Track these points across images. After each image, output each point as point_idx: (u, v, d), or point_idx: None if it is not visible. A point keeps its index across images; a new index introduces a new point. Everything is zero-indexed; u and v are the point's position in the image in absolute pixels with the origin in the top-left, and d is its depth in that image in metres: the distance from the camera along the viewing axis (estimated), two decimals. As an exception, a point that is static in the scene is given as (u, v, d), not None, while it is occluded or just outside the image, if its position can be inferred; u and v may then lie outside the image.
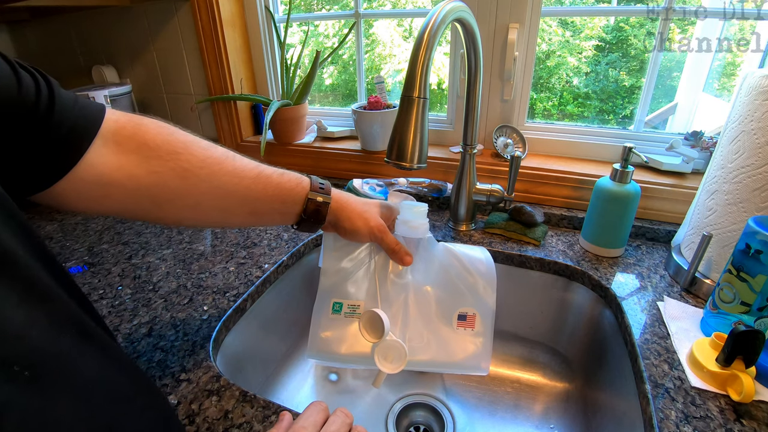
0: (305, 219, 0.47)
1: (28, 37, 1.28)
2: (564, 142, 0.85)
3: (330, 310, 0.50)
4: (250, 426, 0.41)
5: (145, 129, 0.40)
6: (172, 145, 0.40)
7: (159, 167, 0.39)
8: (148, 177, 0.39)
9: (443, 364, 0.49)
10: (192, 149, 0.41)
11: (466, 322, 0.50)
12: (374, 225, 0.49)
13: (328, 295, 0.51)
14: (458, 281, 0.51)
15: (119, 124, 0.38)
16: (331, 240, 0.52)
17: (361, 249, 0.52)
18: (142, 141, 0.39)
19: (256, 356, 0.64)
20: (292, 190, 0.46)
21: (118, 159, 0.38)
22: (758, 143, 0.50)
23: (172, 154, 0.40)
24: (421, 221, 0.50)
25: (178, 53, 1.07)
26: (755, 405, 0.42)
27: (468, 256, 0.53)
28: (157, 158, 0.39)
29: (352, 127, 1.03)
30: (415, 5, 1.37)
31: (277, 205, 0.46)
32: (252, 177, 0.44)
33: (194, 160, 0.41)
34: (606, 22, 1.31)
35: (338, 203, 0.48)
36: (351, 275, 0.51)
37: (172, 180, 0.40)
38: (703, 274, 0.58)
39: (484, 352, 0.49)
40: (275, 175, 0.46)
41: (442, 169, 0.88)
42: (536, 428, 0.62)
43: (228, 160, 0.43)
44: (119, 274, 0.67)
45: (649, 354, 0.49)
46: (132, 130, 0.39)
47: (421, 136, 0.47)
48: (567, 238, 0.74)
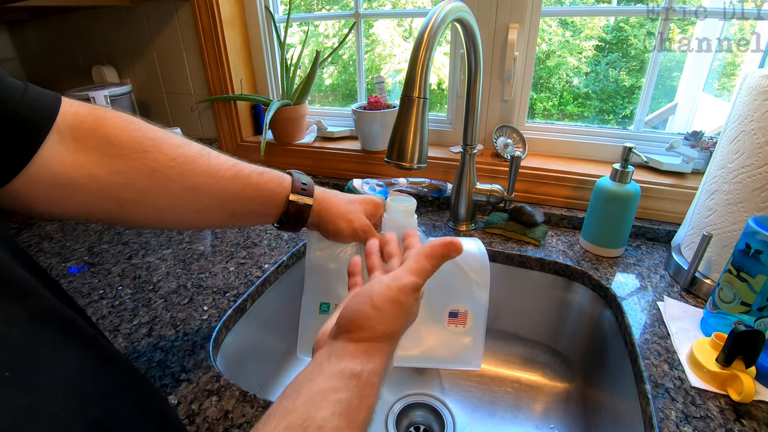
0: (286, 222, 0.45)
1: (28, 37, 1.28)
2: (564, 142, 0.85)
3: (317, 310, 0.49)
4: (250, 426, 0.41)
5: (108, 124, 0.36)
6: (138, 142, 0.37)
7: (123, 167, 0.36)
8: (112, 177, 0.35)
9: (433, 359, 0.49)
10: (162, 146, 0.38)
11: (458, 320, 0.49)
12: (358, 226, 0.47)
13: (315, 295, 0.50)
14: (449, 278, 0.50)
15: (78, 118, 0.34)
16: (316, 239, 0.51)
17: (347, 248, 0.51)
18: (104, 137, 0.35)
19: (256, 356, 0.64)
20: (272, 191, 0.44)
21: (76, 157, 0.34)
22: (758, 143, 0.50)
23: (139, 152, 0.36)
24: (408, 220, 0.49)
25: (178, 53, 1.07)
26: (755, 405, 0.42)
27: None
28: (121, 156, 0.36)
29: (352, 127, 1.03)
30: (415, 5, 1.37)
31: (256, 206, 0.44)
32: (229, 177, 0.41)
33: (164, 159, 0.37)
34: (606, 22, 1.31)
35: (321, 204, 0.46)
36: (337, 276, 0.50)
37: (138, 180, 0.37)
38: (703, 274, 0.58)
39: (475, 349, 0.48)
40: (255, 174, 0.43)
41: (442, 169, 0.88)
42: (536, 428, 0.62)
43: (203, 158, 0.40)
44: (119, 274, 0.67)
45: (649, 354, 0.49)
46: (93, 124, 0.35)
47: (421, 136, 0.47)
48: (567, 238, 0.74)
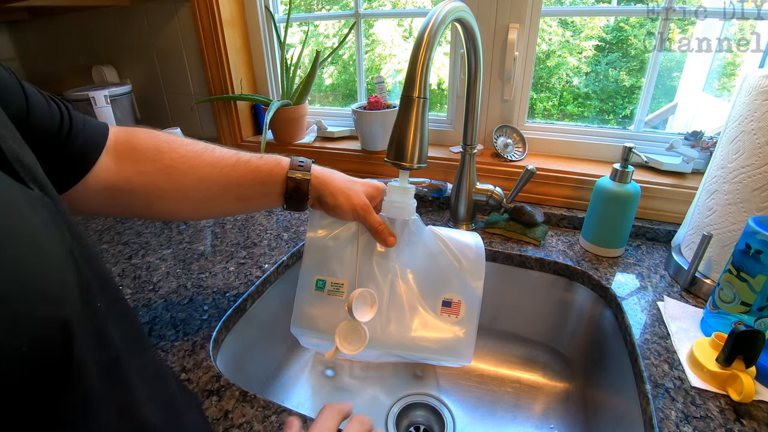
0: (288, 198, 0.48)
1: (28, 37, 1.28)
2: (564, 142, 0.85)
3: (313, 287, 0.50)
4: (250, 426, 0.41)
5: (134, 135, 0.44)
6: (156, 145, 0.44)
7: (147, 167, 0.43)
8: (139, 177, 0.43)
9: (423, 349, 0.48)
10: (174, 146, 0.45)
11: (451, 309, 0.49)
12: (357, 203, 0.48)
13: (311, 272, 0.50)
14: (445, 266, 0.50)
15: (115, 135, 0.43)
16: (317, 218, 0.51)
17: (346, 228, 0.51)
18: (133, 146, 0.43)
19: (256, 356, 0.64)
20: (270, 171, 0.47)
21: (116, 165, 0.42)
22: (758, 143, 0.50)
23: (157, 153, 0.44)
24: (407, 201, 0.49)
25: (178, 53, 1.07)
26: (755, 405, 0.42)
27: (456, 241, 0.51)
28: (145, 160, 0.43)
29: (352, 127, 1.03)
30: (415, 5, 1.37)
31: (258, 187, 0.47)
32: (230, 164, 0.46)
33: (176, 156, 0.44)
34: (606, 22, 1.31)
35: (319, 179, 0.48)
36: (335, 254, 0.50)
37: (159, 178, 0.43)
38: (703, 274, 0.58)
39: (467, 340, 0.48)
40: (253, 159, 0.48)
41: (442, 169, 0.88)
42: (536, 428, 0.62)
43: (207, 152, 0.46)
44: (119, 274, 0.67)
45: (649, 354, 0.49)
46: (125, 138, 0.44)
47: (421, 136, 0.47)
48: (567, 238, 0.74)
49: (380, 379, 0.70)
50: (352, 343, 0.46)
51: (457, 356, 0.48)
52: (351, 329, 0.46)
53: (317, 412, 0.39)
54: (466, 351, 0.48)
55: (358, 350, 0.45)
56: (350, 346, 0.46)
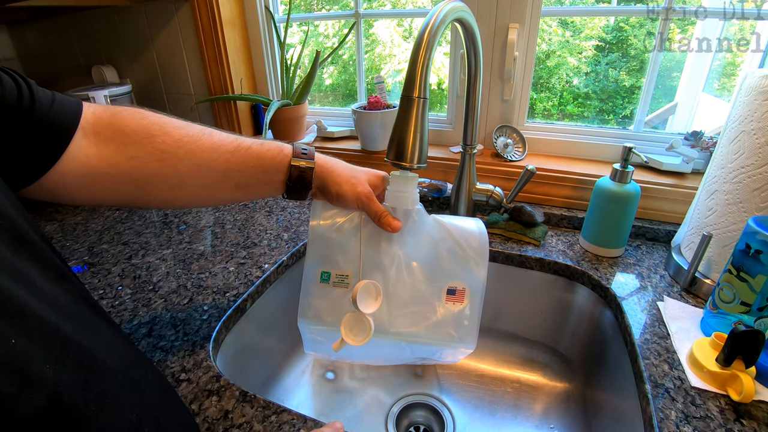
0: (291, 186, 0.46)
1: (28, 37, 1.28)
2: (564, 142, 0.85)
3: (318, 279, 0.50)
4: (250, 426, 0.41)
5: (120, 116, 0.40)
6: (146, 128, 0.41)
7: (136, 152, 0.40)
8: (128, 162, 0.39)
9: (428, 337, 0.48)
10: (167, 129, 0.42)
11: (455, 297, 0.49)
12: (361, 191, 0.47)
13: (316, 264, 0.50)
14: (448, 255, 0.50)
15: (96, 116, 0.39)
16: (320, 208, 0.51)
17: (349, 219, 0.51)
18: (118, 128, 0.40)
19: (256, 356, 0.64)
20: (273, 158, 0.45)
21: (98, 149, 0.38)
22: (758, 143, 0.50)
23: (148, 137, 0.40)
24: (411, 190, 0.49)
25: (178, 53, 1.07)
26: (755, 405, 0.42)
27: (460, 229, 0.51)
28: (134, 143, 0.40)
29: (352, 127, 1.03)
30: (415, 5, 1.37)
31: (260, 175, 0.45)
32: (231, 150, 0.44)
33: (170, 141, 0.41)
34: (606, 22, 1.31)
35: (323, 168, 0.47)
36: (339, 246, 0.50)
37: (150, 163, 0.40)
38: (703, 274, 0.58)
39: (471, 327, 0.48)
40: (255, 145, 0.45)
41: (442, 169, 0.88)
42: (536, 428, 0.62)
43: (205, 136, 0.43)
44: (119, 274, 0.67)
45: (649, 354, 0.49)
46: (108, 119, 0.40)
47: (421, 136, 0.47)
48: (567, 238, 0.74)
49: (380, 378, 0.70)
50: (358, 335, 0.46)
51: (462, 343, 0.48)
52: (356, 320, 0.46)
53: (318, 412, 0.39)
54: (470, 337, 0.48)
55: (364, 341, 0.46)
56: (355, 338, 0.46)
